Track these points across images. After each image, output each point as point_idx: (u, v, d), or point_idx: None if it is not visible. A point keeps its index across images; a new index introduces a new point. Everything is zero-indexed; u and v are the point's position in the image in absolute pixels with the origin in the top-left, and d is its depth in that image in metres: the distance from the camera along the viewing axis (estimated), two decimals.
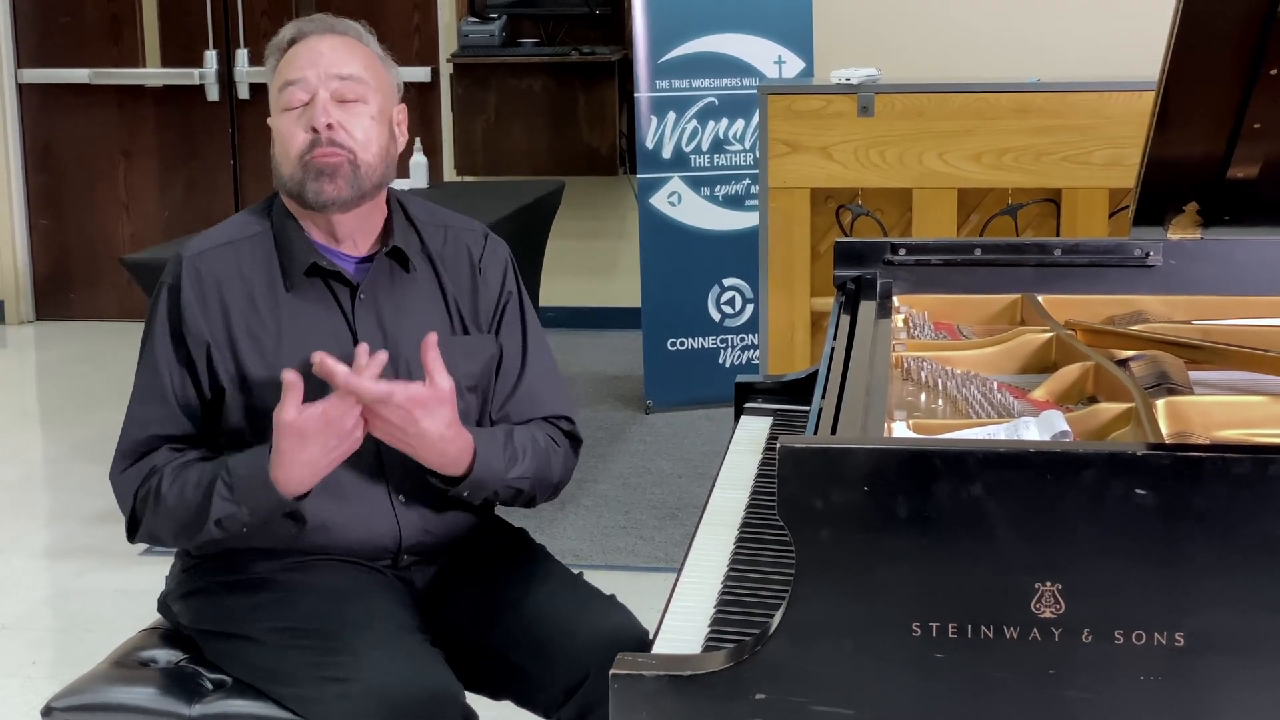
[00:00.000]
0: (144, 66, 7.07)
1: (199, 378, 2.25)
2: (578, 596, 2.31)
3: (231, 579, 2.28)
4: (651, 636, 1.72)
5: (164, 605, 2.40)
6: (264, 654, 2.21)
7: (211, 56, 6.95)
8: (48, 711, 2.22)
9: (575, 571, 2.41)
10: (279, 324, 2.26)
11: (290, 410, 2.09)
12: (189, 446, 2.27)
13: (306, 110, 2.24)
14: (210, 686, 2.25)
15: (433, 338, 2.16)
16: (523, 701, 2.31)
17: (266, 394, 2.20)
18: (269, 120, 2.31)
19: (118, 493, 2.29)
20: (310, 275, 2.28)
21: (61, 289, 7.27)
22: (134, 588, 3.96)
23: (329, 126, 2.22)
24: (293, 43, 2.30)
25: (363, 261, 2.32)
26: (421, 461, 2.20)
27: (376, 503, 2.27)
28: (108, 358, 6.61)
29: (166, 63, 7.05)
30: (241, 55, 6.92)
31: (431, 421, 2.15)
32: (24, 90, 7.13)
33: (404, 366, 2.28)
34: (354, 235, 2.31)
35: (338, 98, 2.24)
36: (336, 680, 2.11)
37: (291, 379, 2.09)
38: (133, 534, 2.30)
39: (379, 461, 2.26)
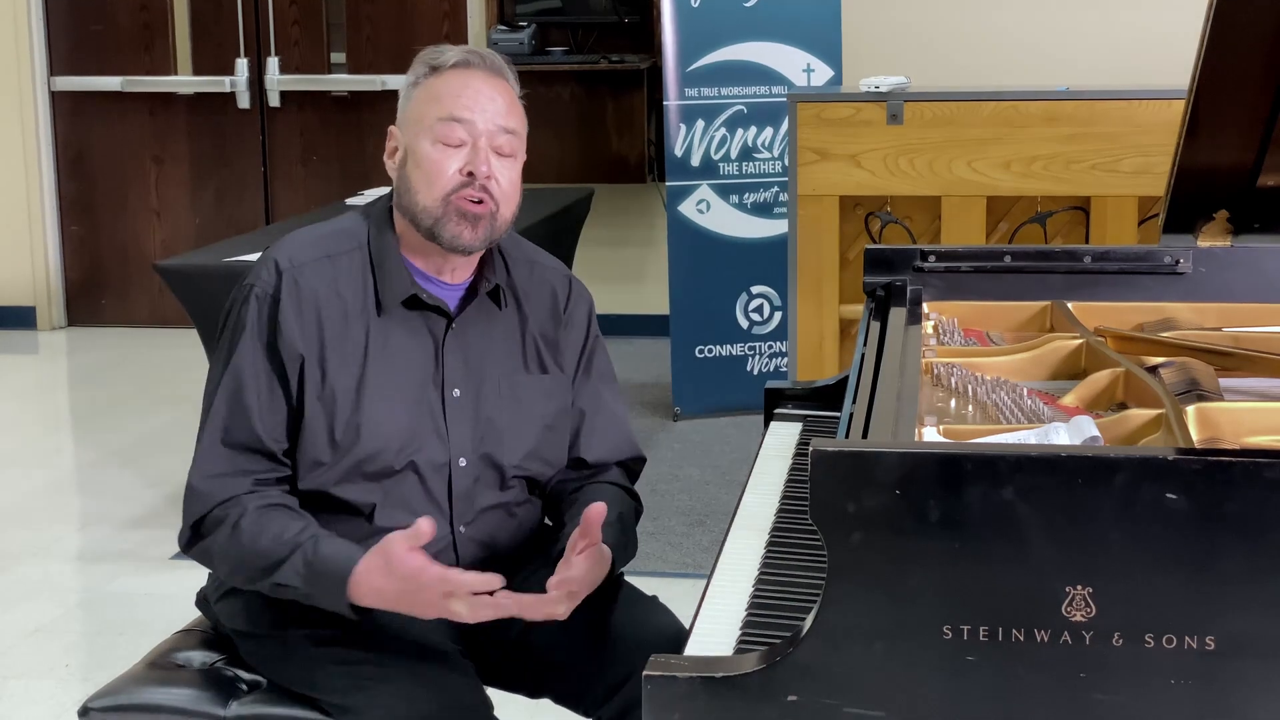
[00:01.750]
0: (175, 74, 7.11)
1: (289, 391, 2.23)
2: (622, 597, 2.33)
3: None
4: (684, 639, 1.74)
5: (203, 602, 2.41)
6: (296, 659, 2.23)
7: (243, 64, 6.99)
8: (84, 712, 2.24)
9: None
10: (368, 345, 2.25)
11: (400, 545, 2.09)
12: (273, 473, 2.23)
13: (465, 152, 2.24)
14: (246, 688, 2.26)
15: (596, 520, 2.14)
16: (563, 700, 2.32)
17: (348, 413, 2.21)
18: (399, 131, 2.29)
19: (194, 498, 2.23)
20: (408, 306, 2.28)
21: (93, 295, 7.32)
22: (166, 591, 3.99)
23: (488, 176, 2.23)
24: (455, 67, 2.27)
25: (453, 289, 2.33)
26: None
27: (438, 529, 2.22)
28: (139, 363, 6.66)
29: (198, 70, 7.10)
30: (272, 63, 6.96)
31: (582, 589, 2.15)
32: (56, 97, 7.18)
33: (482, 403, 2.30)
34: (458, 269, 2.32)
35: (496, 150, 2.25)
36: (365, 689, 2.12)
37: (426, 530, 2.08)
38: (189, 546, 2.26)
39: (449, 491, 2.27)
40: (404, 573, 2.09)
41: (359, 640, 2.17)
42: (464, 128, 2.24)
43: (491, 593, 2.08)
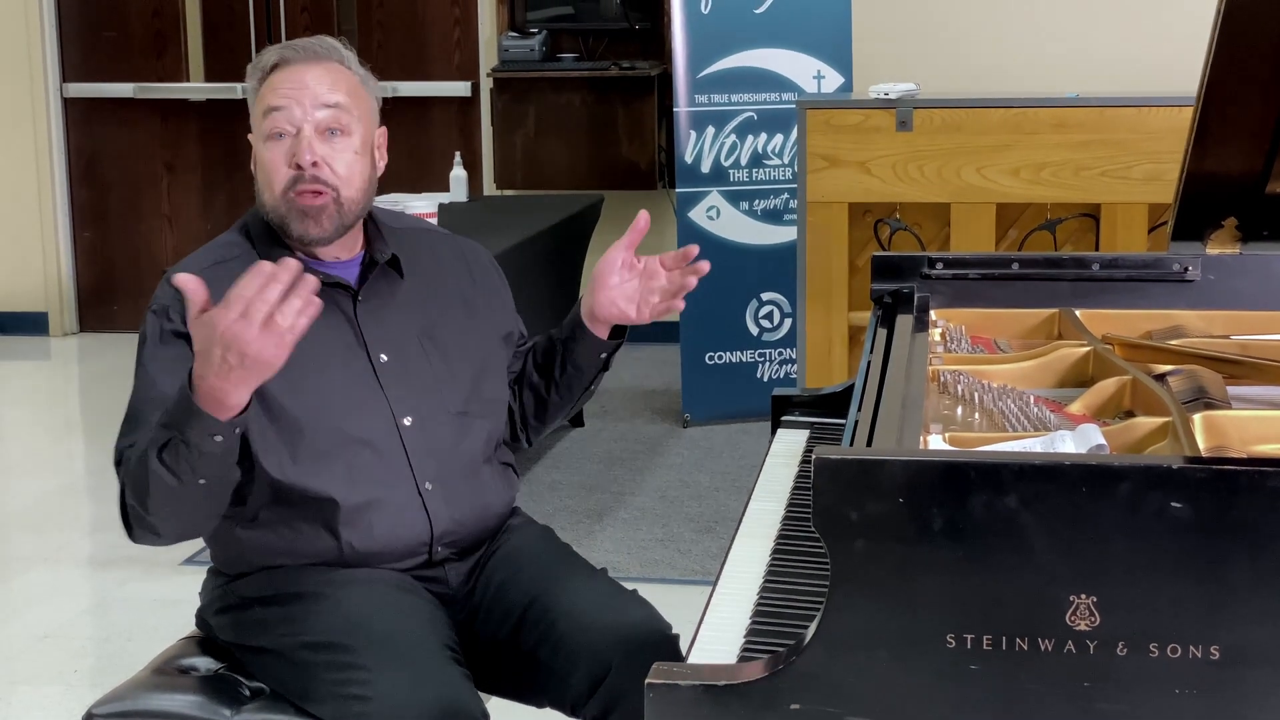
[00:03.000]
0: (187, 81, 7.13)
1: None
2: (600, 592, 2.33)
3: (263, 594, 2.30)
4: (687, 647, 1.73)
5: (201, 620, 2.43)
6: (291, 669, 2.23)
7: None
8: (89, 718, 2.24)
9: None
10: None
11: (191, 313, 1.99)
12: None
13: (290, 142, 2.26)
14: (250, 695, 2.27)
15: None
16: (547, 700, 2.33)
17: (283, 397, 2.22)
18: (250, 137, 2.33)
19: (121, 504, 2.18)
20: None
21: (105, 301, 7.33)
22: (175, 597, 3.99)
23: (314, 164, 2.25)
24: (275, 67, 2.31)
25: (348, 265, 2.37)
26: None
27: (405, 493, 2.30)
28: None
29: (210, 77, 7.11)
30: None
31: None
32: (68, 104, 7.20)
33: (410, 361, 2.35)
34: (336, 251, 2.36)
35: (321, 129, 2.26)
36: (355, 698, 2.12)
37: (190, 285, 1.97)
38: (131, 529, 2.20)
39: (404, 451, 2.30)
40: (201, 337, 1.96)
41: (350, 648, 2.17)
42: (283, 115, 2.26)
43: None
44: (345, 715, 2.12)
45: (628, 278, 2.47)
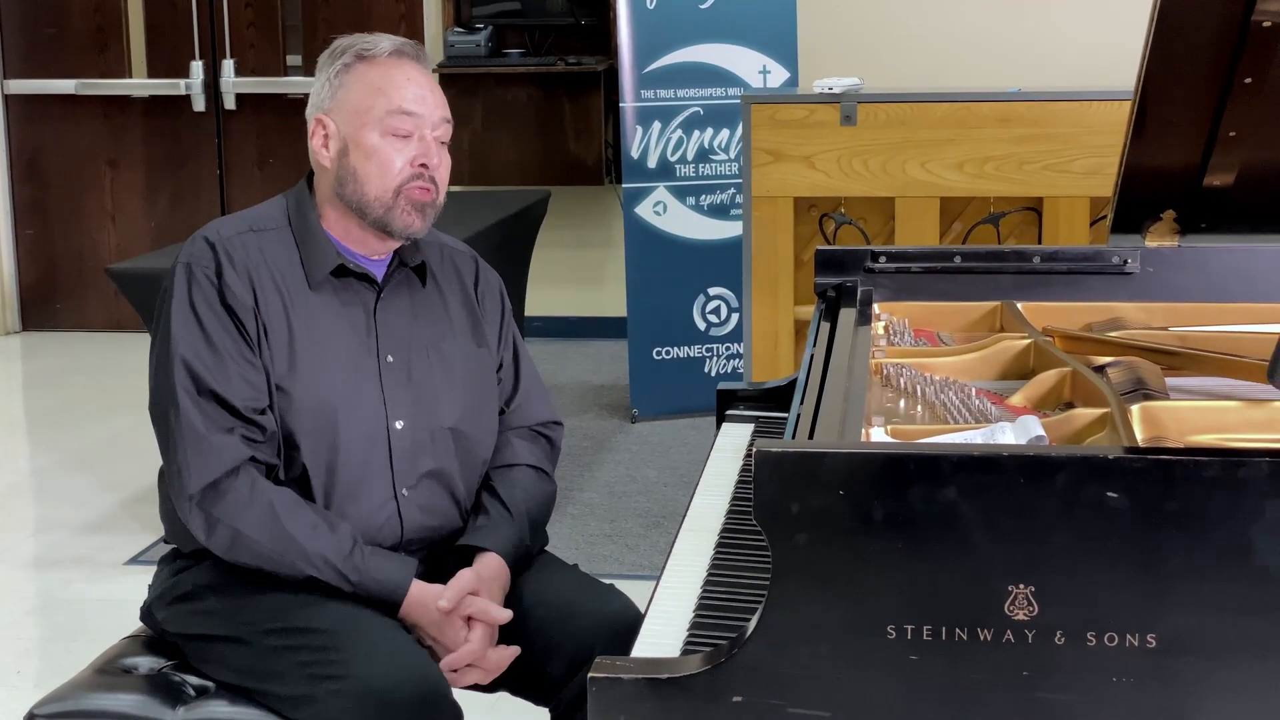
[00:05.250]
0: (130, 77, 7.07)
1: (249, 342, 2.27)
2: (579, 583, 2.39)
3: (220, 581, 2.29)
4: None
5: (147, 613, 2.41)
6: (253, 655, 2.23)
7: (198, 67, 6.96)
8: (30, 718, 2.22)
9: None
10: (302, 317, 2.31)
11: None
12: (255, 434, 2.25)
13: (414, 144, 2.32)
14: (193, 693, 2.26)
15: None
16: (520, 689, 2.35)
17: (287, 383, 2.27)
18: (331, 121, 2.34)
19: (203, 450, 2.22)
20: (336, 275, 2.34)
21: (47, 299, 7.27)
22: (120, 597, 3.96)
23: (437, 167, 2.34)
24: (389, 56, 2.35)
25: (378, 263, 2.40)
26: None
27: (381, 493, 2.32)
28: (94, 368, 6.62)
29: (153, 73, 7.06)
30: (228, 66, 6.93)
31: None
32: (10, 100, 7.12)
33: (414, 368, 2.37)
34: (378, 246, 2.39)
35: (438, 140, 2.35)
36: (328, 678, 2.13)
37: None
38: (203, 501, 2.23)
39: (389, 453, 2.32)
40: (436, 624, 2.26)
41: (315, 633, 2.18)
42: (412, 121, 2.33)
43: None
44: (317, 695, 2.13)
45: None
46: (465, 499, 2.42)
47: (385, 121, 2.31)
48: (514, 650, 2.26)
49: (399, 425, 2.33)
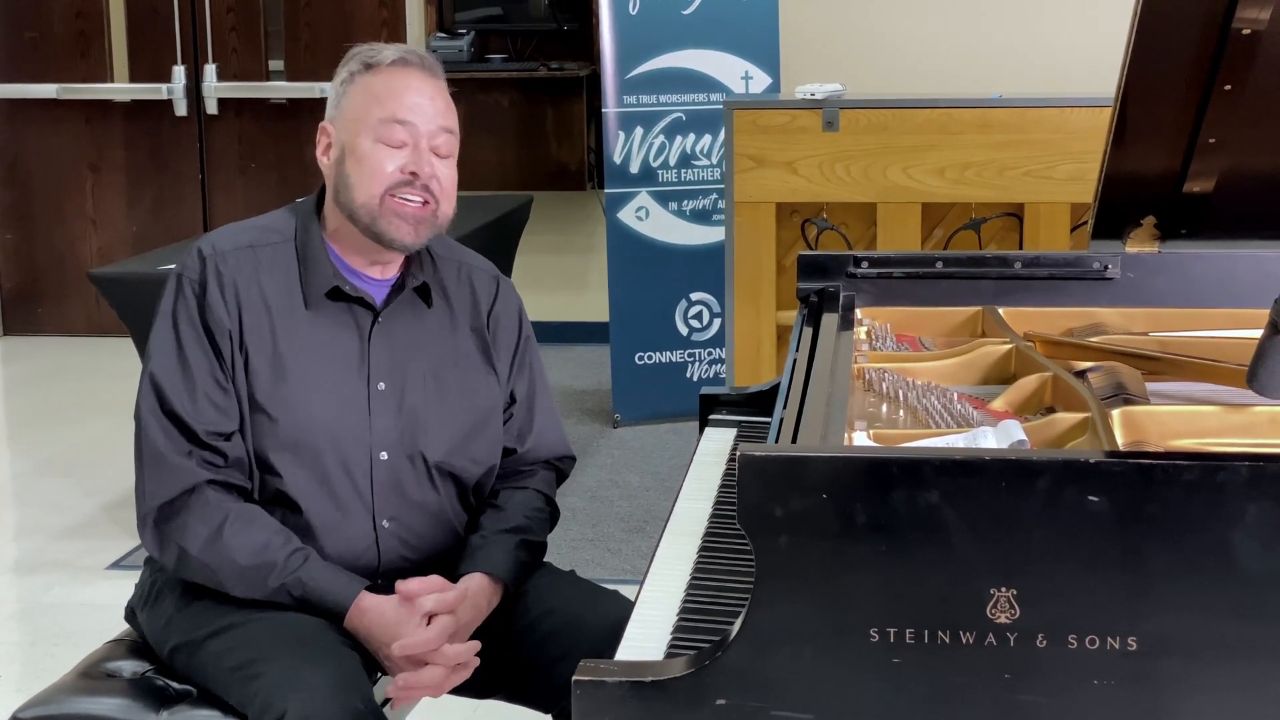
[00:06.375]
0: (112, 81, 7.06)
1: (224, 366, 2.24)
2: (581, 589, 2.38)
3: (182, 586, 2.28)
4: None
5: (130, 615, 2.41)
6: (205, 664, 2.22)
7: (180, 72, 6.95)
8: None
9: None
10: (291, 339, 2.27)
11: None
12: (215, 457, 2.23)
13: (407, 152, 2.27)
14: (176, 696, 2.25)
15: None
16: (518, 696, 2.33)
17: (269, 406, 2.24)
18: (333, 128, 2.32)
19: (160, 469, 2.22)
20: (333, 298, 2.30)
21: (29, 304, 7.25)
22: (102, 601, 3.95)
23: (431, 177, 2.28)
24: (392, 65, 2.30)
25: (380, 284, 2.35)
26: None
27: (360, 524, 2.29)
28: (75, 373, 6.60)
29: (134, 78, 7.05)
30: (210, 70, 6.92)
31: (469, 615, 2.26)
32: None
33: (406, 397, 2.32)
34: (387, 265, 2.35)
35: (435, 150, 2.30)
36: (265, 709, 2.07)
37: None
38: (157, 523, 2.24)
39: (370, 484, 2.29)
40: (390, 632, 2.20)
41: (253, 660, 2.14)
42: (406, 130, 2.28)
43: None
44: (258, 700, 2.09)
45: None
46: (457, 529, 2.38)
47: (378, 129, 2.27)
48: (474, 645, 2.21)
49: (383, 456, 2.29)
